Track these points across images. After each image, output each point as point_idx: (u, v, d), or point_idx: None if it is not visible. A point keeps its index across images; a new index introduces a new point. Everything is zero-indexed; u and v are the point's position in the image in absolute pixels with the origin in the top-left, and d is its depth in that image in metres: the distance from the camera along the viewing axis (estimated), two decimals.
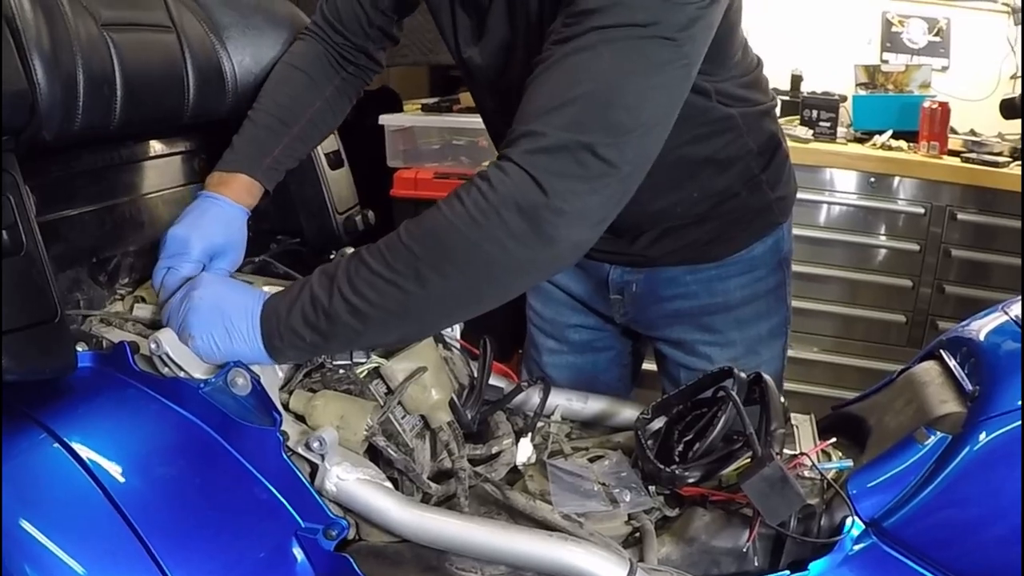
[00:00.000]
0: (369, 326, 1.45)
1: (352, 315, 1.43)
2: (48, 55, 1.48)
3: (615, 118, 1.39)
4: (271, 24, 1.97)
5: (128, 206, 1.92)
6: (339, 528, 1.43)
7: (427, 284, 1.41)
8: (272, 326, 1.49)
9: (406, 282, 1.41)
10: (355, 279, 1.42)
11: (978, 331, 1.67)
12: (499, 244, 1.39)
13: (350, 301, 1.42)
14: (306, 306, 1.46)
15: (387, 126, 4.29)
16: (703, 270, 2.11)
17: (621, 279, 2.17)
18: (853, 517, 1.42)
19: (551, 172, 1.37)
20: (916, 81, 4.62)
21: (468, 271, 1.42)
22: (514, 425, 1.80)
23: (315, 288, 1.46)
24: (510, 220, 1.37)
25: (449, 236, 1.40)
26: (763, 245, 2.13)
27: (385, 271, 1.41)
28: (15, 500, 1.36)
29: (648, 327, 2.25)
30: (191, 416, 1.50)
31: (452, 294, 1.45)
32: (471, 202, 1.39)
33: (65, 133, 1.55)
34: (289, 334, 1.48)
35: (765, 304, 2.18)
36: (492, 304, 1.50)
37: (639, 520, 1.53)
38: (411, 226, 1.43)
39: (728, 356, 2.14)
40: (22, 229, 1.43)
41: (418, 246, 1.41)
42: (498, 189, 1.38)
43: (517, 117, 1.43)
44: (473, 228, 1.38)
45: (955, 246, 4.08)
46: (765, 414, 1.52)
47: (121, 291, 1.88)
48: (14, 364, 1.40)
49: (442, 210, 1.41)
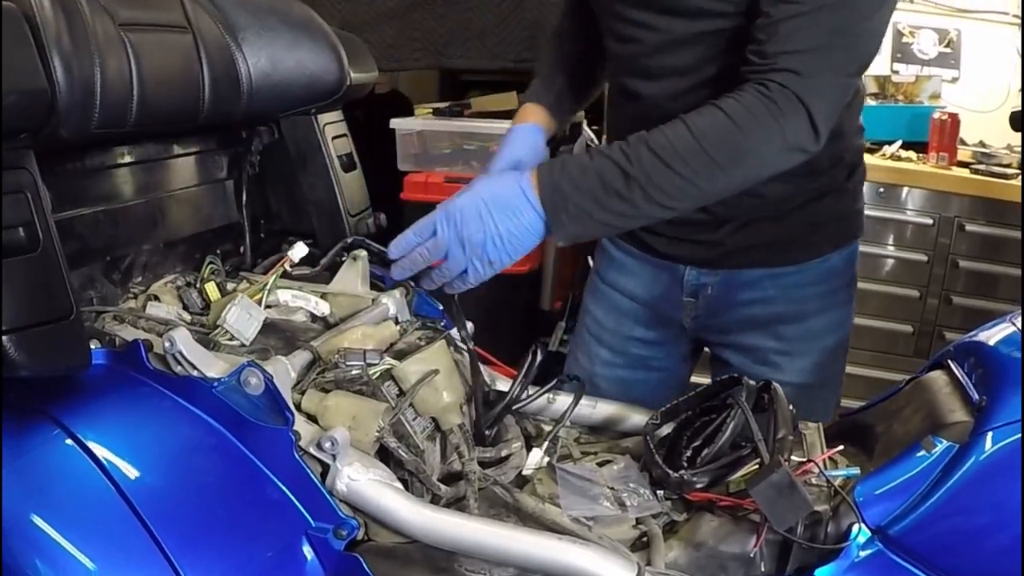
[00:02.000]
0: (655, 210, 1.73)
1: (646, 201, 1.70)
2: (67, 54, 1.49)
3: (862, 58, 1.77)
4: (287, 26, 1.98)
5: (142, 205, 1.93)
6: (349, 528, 1.44)
7: (716, 181, 1.72)
8: (558, 202, 1.71)
9: (701, 180, 1.70)
10: (653, 174, 1.68)
11: (986, 341, 1.68)
12: (776, 151, 1.72)
13: (647, 191, 1.69)
14: (597, 189, 1.70)
15: (398, 130, 4.30)
16: (782, 275, 2.12)
17: (697, 281, 2.17)
18: (860, 524, 1.42)
19: (819, 101, 1.68)
20: (926, 92, 4.62)
21: (748, 171, 1.74)
22: (524, 429, 1.81)
23: (606, 174, 1.70)
24: (786, 142, 1.70)
25: (743, 145, 1.69)
26: (839, 256, 2.16)
27: (684, 170, 1.68)
28: (28, 495, 1.37)
29: (718, 332, 2.24)
30: (204, 415, 1.51)
31: (730, 187, 1.76)
32: (760, 117, 1.68)
33: (82, 132, 1.56)
34: (576, 210, 1.71)
35: (836, 317, 2.20)
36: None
37: (647, 524, 1.53)
38: (706, 131, 1.69)
39: (797, 367, 2.16)
40: (39, 226, 1.44)
41: (716, 152, 1.68)
42: (785, 115, 1.67)
43: (776, 51, 1.70)
44: (762, 140, 1.69)
45: (963, 257, 4.08)
46: (773, 421, 1.53)
47: (134, 289, 1.90)
48: (29, 360, 1.41)
49: (735, 122, 1.68)
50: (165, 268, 1.98)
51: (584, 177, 1.70)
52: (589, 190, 1.70)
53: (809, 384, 2.16)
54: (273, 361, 1.60)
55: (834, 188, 2.07)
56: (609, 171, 1.69)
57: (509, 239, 1.72)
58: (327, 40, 2.04)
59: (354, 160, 2.31)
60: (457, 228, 1.71)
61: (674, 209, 1.74)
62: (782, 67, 1.68)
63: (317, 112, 2.16)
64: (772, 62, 1.69)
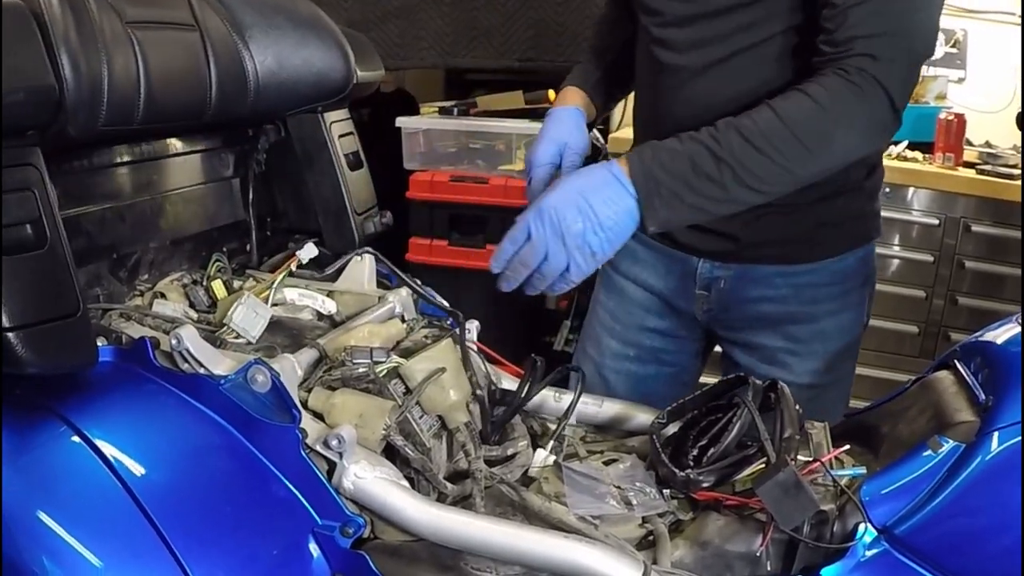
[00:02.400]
0: (746, 193, 1.76)
1: (737, 184, 1.74)
2: (75, 52, 1.49)
3: (928, 40, 1.82)
4: (293, 24, 1.98)
5: (149, 203, 1.93)
6: (356, 526, 1.44)
7: (806, 165, 1.77)
8: (651, 187, 1.74)
9: (791, 164, 1.74)
10: (744, 158, 1.72)
11: (992, 341, 1.68)
12: (862, 133, 1.79)
13: (738, 174, 1.73)
14: (688, 173, 1.73)
15: (404, 128, 4.30)
16: (795, 273, 2.13)
17: (710, 274, 2.18)
18: (866, 524, 1.42)
19: (896, 83, 1.73)
20: (932, 92, 4.61)
21: (836, 154, 1.79)
22: (530, 428, 1.81)
23: (697, 158, 1.73)
24: (872, 122, 1.77)
25: (830, 128, 1.74)
26: (854, 257, 2.16)
27: (775, 154, 1.72)
28: (34, 492, 1.38)
29: (729, 328, 2.25)
30: (211, 412, 1.51)
31: (819, 171, 1.81)
32: (845, 100, 1.73)
33: (89, 129, 1.56)
34: (669, 194, 1.74)
35: (848, 319, 2.19)
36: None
37: (653, 523, 1.53)
38: (793, 115, 1.73)
39: (806, 368, 2.16)
40: (46, 223, 1.44)
41: (805, 136, 1.73)
42: (868, 98, 1.72)
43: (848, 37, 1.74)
44: (848, 123, 1.75)
45: (969, 258, 4.07)
46: (780, 420, 1.53)
47: (141, 287, 1.90)
48: (36, 357, 1.41)
49: (822, 105, 1.73)
50: (171, 266, 1.99)
51: (675, 162, 1.74)
52: (681, 174, 1.73)
53: (818, 385, 2.16)
54: (280, 359, 1.60)
55: (851, 187, 2.08)
56: (700, 155, 1.73)
57: (610, 226, 1.73)
58: (334, 38, 2.05)
59: (360, 158, 2.31)
60: (554, 224, 1.72)
61: (764, 193, 1.77)
62: (858, 52, 1.72)
63: (323, 110, 2.16)
64: (846, 48, 1.74)
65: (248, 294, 1.78)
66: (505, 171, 4.23)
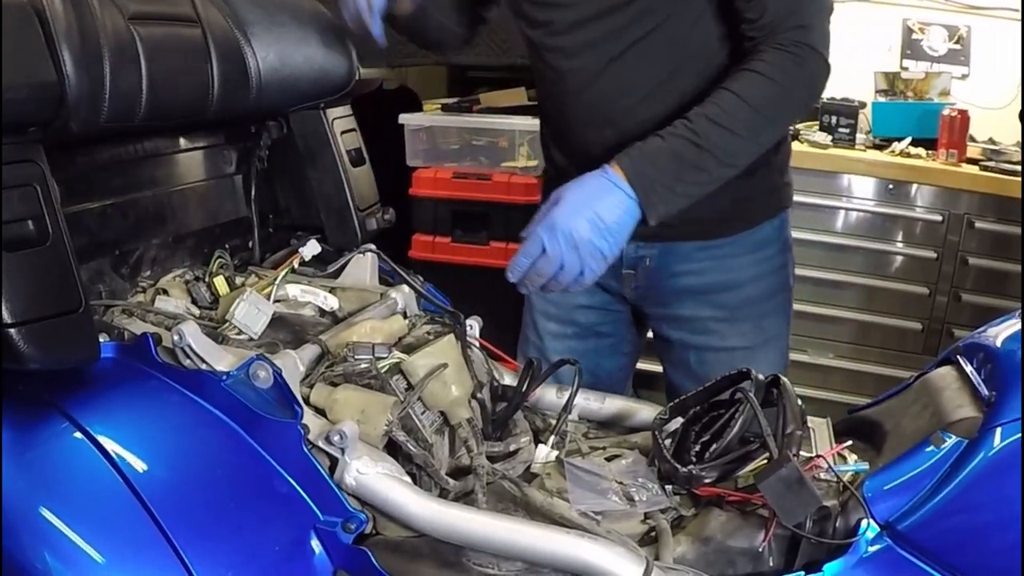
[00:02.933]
0: (725, 171, 1.92)
1: (718, 166, 1.90)
2: (77, 47, 1.49)
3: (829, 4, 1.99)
4: (296, 21, 1.98)
5: (151, 200, 1.93)
6: (358, 522, 1.44)
7: (770, 133, 2.00)
8: (646, 185, 1.86)
9: (758, 136, 1.95)
10: (720, 141, 1.88)
11: (994, 338, 1.68)
12: (809, 95, 2.00)
13: (718, 157, 1.88)
14: (676, 167, 1.87)
15: (407, 125, 4.31)
16: (714, 247, 2.23)
17: (635, 254, 2.24)
18: (868, 519, 1.42)
19: (822, 41, 1.94)
20: (936, 88, 4.61)
21: (790, 118, 2.08)
22: (532, 424, 1.81)
23: (681, 152, 1.88)
24: (816, 83, 1.97)
25: (787, 101, 1.95)
26: (770, 226, 2.27)
27: (745, 132, 1.90)
28: (36, 488, 1.38)
29: (658, 304, 2.32)
30: (213, 408, 1.52)
31: (778, 135, 2.09)
32: (791, 71, 1.90)
33: (91, 125, 1.56)
34: (663, 189, 1.87)
35: (772, 283, 2.30)
36: None
37: (655, 519, 1.53)
38: (752, 94, 1.90)
39: (737, 331, 2.27)
40: (48, 219, 1.45)
41: (766, 109, 1.91)
42: (807, 64, 1.91)
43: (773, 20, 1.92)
44: (798, 89, 1.94)
45: (972, 254, 4.07)
46: (782, 416, 1.52)
47: (143, 283, 1.90)
48: (38, 353, 1.42)
49: (776, 82, 1.90)
50: (174, 262, 1.99)
51: (663, 158, 1.87)
52: (671, 168, 1.87)
53: (751, 346, 2.28)
54: (282, 355, 1.60)
55: (762, 164, 2.13)
56: (684, 147, 1.87)
57: (616, 229, 1.84)
58: (336, 35, 2.05)
59: (363, 155, 2.31)
60: (567, 236, 1.81)
61: (739, 167, 1.95)
62: (789, 25, 1.90)
63: (326, 107, 2.16)
64: (774, 28, 1.91)
65: (250, 290, 1.78)
66: (508, 167, 4.23)
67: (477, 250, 4.18)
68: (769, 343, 2.30)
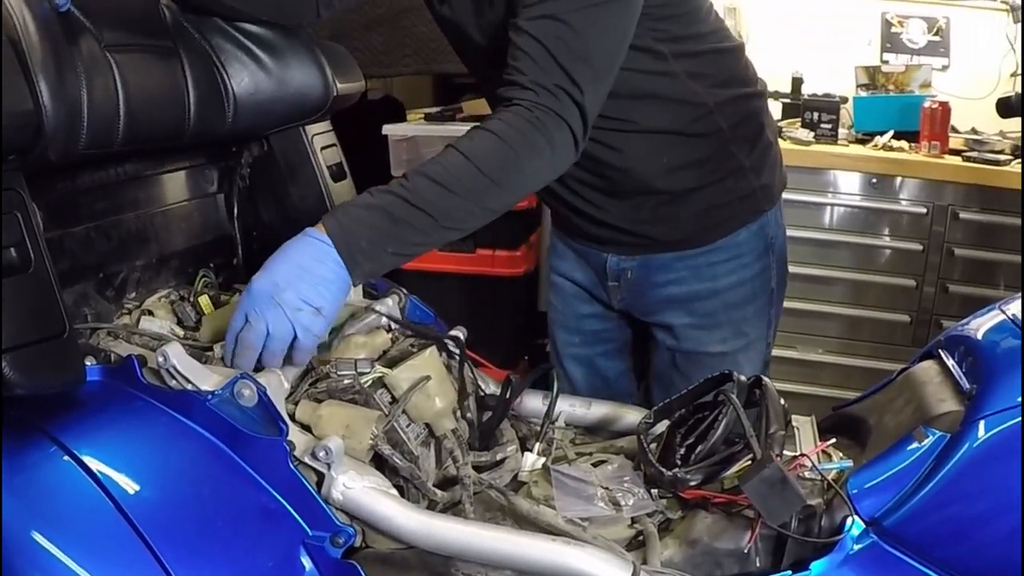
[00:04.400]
0: (445, 234, 1.76)
1: (434, 228, 1.72)
2: (53, 77, 1.50)
3: (602, 73, 1.85)
4: (270, 45, 1.99)
5: (133, 222, 1.94)
6: (346, 536, 1.45)
7: (497, 198, 1.78)
8: (351, 242, 1.67)
9: (482, 199, 1.75)
10: (437, 200, 1.71)
11: (975, 330, 1.69)
12: (547, 163, 1.80)
13: (434, 217, 1.71)
14: (386, 224, 1.69)
15: (391, 136, 4.30)
16: (692, 256, 2.23)
17: (618, 266, 2.29)
18: (853, 517, 1.44)
19: (575, 114, 1.78)
20: (916, 81, 4.62)
21: (525, 185, 1.83)
22: (518, 432, 1.82)
23: (392, 209, 1.69)
24: (557, 155, 1.79)
25: (516, 162, 1.76)
26: (748, 231, 2.25)
27: (464, 193, 1.73)
28: (26, 512, 1.39)
29: (644, 312, 2.35)
30: (199, 428, 1.52)
31: (509, 202, 1.81)
32: (530, 142, 1.76)
33: (70, 153, 1.57)
34: (370, 247, 1.68)
35: (751, 288, 2.29)
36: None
37: (642, 523, 1.54)
38: (478, 154, 1.74)
39: (717, 338, 2.28)
40: (30, 246, 1.45)
41: (492, 171, 1.73)
42: (549, 131, 1.76)
43: (522, 73, 1.80)
44: (538, 163, 1.78)
45: (958, 245, 4.08)
46: (765, 416, 1.54)
47: (128, 305, 1.91)
48: (24, 378, 1.42)
49: (509, 145, 1.74)
50: (159, 283, 2.00)
51: (371, 217, 1.70)
52: (379, 227, 1.70)
53: (731, 352, 2.29)
54: (266, 373, 1.61)
55: (734, 168, 2.18)
56: (394, 205, 1.70)
57: (323, 279, 1.65)
58: (311, 56, 2.05)
59: (344, 170, 2.32)
60: (263, 296, 1.62)
61: (462, 230, 1.78)
62: (544, 85, 1.78)
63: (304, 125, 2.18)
64: (530, 82, 1.79)
65: None
66: None
67: (463, 258, 4.17)
68: (749, 347, 2.32)
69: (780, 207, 2.35)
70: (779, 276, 2.36)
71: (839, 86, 4.58)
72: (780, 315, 2.41)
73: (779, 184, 2.34)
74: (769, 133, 2.30)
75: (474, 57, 2.14)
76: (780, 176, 2.35)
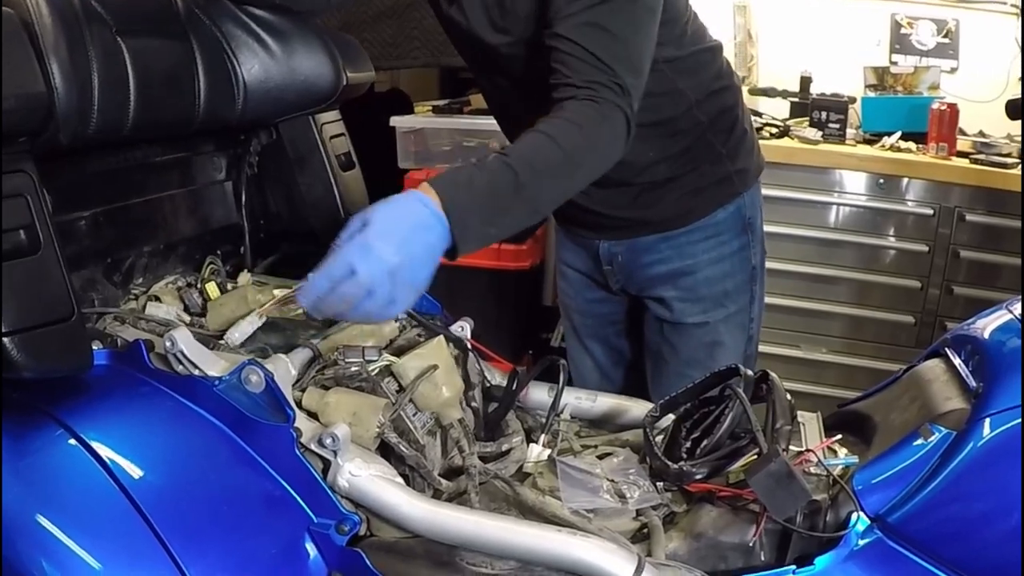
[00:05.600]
0: (533, 216, 1.83)
1: (534, 213, 1.82)
2: (65, 60, 1.50)
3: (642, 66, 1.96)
4: (281, 33, 1.99)
5: (141, 207, 1.94)
6: (351, 523, 1.45)
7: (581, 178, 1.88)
8: (465, 229, 1.67)
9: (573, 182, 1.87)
10: (538, 190, 1.77)
11: (982, 329, 1.69)
12: (616, 149, 1.89)
13: (534, 202, 1.78)
14: (492, 206, 1.72)
15: (398, 128, 4.30)
16: (674, 236, 2.37)
17: (609, 251, 2.45)
18: (858, 512, 1.44)
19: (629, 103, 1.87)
20: (925, 83, 4.60)
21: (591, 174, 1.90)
22: (524, 423, 1.82)
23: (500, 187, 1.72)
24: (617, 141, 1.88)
25: (594, 152, 1.86)
26: (725, 212, 2.38)
27: (562, 182, 1.83)
28: (32, 496, 1.39)
29: (639, 289, 2.49)
30: (205, 413, 1.53)
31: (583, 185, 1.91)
32: (602, 129, 1.85)
33: (80, 136, 1.57)
34: (484, 229, 1.71)
35: (730, 264, 2.42)
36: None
37: (647, 516, 1.54)
38: (565, 145, 1.79)
39: (699, 309, 2.41)
40: (39, 229, 1.45)
41: (582, 160, 1.83)
42: (613, 118, 1.86)
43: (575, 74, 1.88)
44: (605, 144, 1.87)
45: (964, 247, 4.07)
46: (771, 411, 1.54)
47: (135, 290, 1.91)
48: (32, 362, 1.42)
49: (589, 134, 1.83)
50: (166, 269, 2.00)
51: (482, 201, 1.71)
52: (488, 216, 1.72)
53: (710, 321, 2.42)
54: (274, 359, 1.61)
55: (713, 156, 2.33)
56: (502, 191, 1.73)
57: (427, 258, 1.61)
58: (321, 44, 2.05)
59: (352, 159, 2.32)
60: (381, 261, 1.54)
61: (543, 215, 1.95)
62: (599, 81, 1.86)
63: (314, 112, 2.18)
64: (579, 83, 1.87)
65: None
66: None
67: None
68: (729, 318, 2.45)
69: (759, 189, 2.49)
70: (761, 254, 2.48)
71: (847, 86, 4.56)
72: (764, 294, 2.55)
73: (755, 168, 2.47)
74: (744, 122, 2.44)
75: (479, 56, 2.18)
76: (756, 160, 2.48)
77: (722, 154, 2.35)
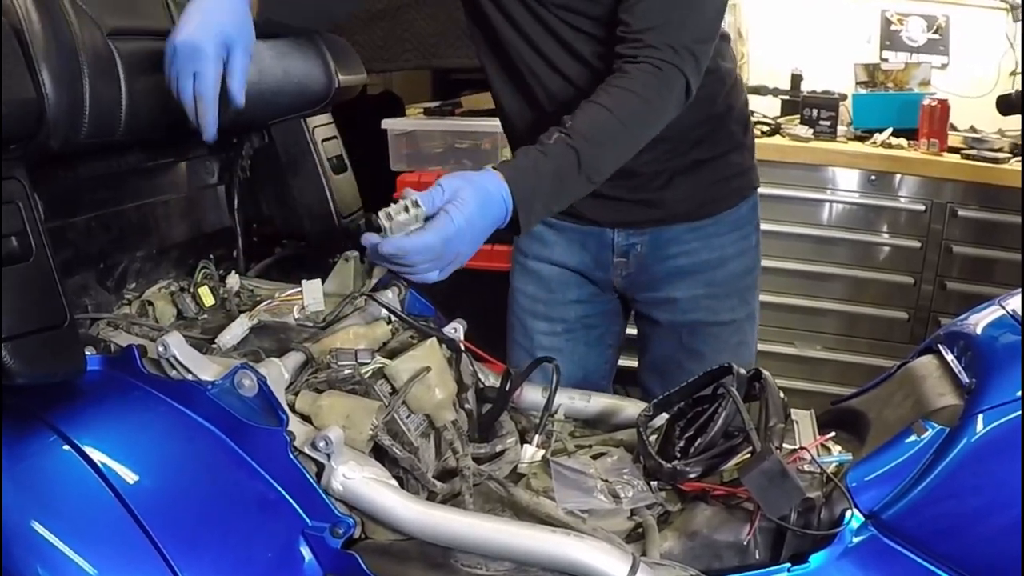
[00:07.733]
0: (590, 187, 1.87)
1: (589, 183, 1.85)
2: (55, 64, 1.50)
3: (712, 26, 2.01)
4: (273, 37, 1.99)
5: (134, 212, 1.94)
6: (346, 526, 1.45)
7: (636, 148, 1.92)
8: (529, 215, 1.75)
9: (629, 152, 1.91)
10: (598, 163, 1.83)
11: (975, 325, 1.69)
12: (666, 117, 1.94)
13: (593, 177, 1.84)
14: (556, 191, 1.80)
15: (390, 130, 4.30)
16: (702, 227, 2.32)
17: (626, 241, 2.33)
18: (852, 510, 1.44)
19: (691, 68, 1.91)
20: (916, 79, 4.62)
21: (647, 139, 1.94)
22: (517, 424, 1.82)
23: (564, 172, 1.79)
24: (676, 108, 1.93)
25: (653, 121, 1.93)
26: (747, 205, 2.38)
27: (619, 151, 1.89)
28: (27, 502, 1.39)
29: (647, 288, 2.39)
30: (199, 418, 1.52)
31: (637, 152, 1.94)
32: (661, 95, 1.89)
33: (72, 141, 1.57)
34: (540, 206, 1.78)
35: (751, 259, 2.42)
36: None
37: (641, 515, 1.54)
38: (624, 115, 1.86)
39: (727, 306, 2.37)
40: (31, 235, 1.45)
41: (639, 130, 1.90)
42: (674, 86, 1.90)
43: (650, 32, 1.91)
44: (666, 116, 1.93)
45: (956, 242, 4.08)
46: (764, 409, 1.54)
47: (128, 296, 1.91)
48: (25, 368, 1.42)
49: (648, 101, 1.88)
50: (159, 274, 2.00)
51: (545, 178, 1.78)
52: (548, 198, 1.80)
53: (737, 320, 2.39)
54: (267, 363, 1.61)
55: (736, 144, 2.32)
56: (564, 170, 1.80)
57: (482, 237, 1.71)
58: (313, 47, 2.05)
59: (344, 162, 2.32)
60: (459, 253, 1.66)
61: (599, 183, 1.89)
62: (662, 43, 1.89)
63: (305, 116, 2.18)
64: (654, 42, 1.90)
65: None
66: None
67: None
68: (751, 316, 2.43)
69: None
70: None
71: (838, 83, 4.58)
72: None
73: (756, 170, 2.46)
74: (751, 123, 2.44)
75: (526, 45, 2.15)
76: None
77: (743, 144, 2.35)
